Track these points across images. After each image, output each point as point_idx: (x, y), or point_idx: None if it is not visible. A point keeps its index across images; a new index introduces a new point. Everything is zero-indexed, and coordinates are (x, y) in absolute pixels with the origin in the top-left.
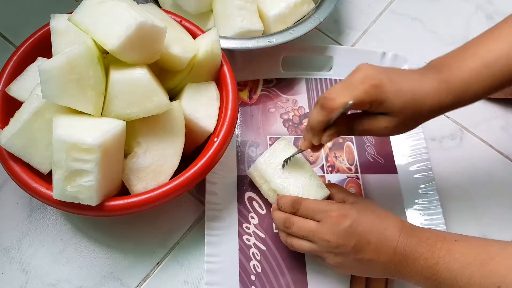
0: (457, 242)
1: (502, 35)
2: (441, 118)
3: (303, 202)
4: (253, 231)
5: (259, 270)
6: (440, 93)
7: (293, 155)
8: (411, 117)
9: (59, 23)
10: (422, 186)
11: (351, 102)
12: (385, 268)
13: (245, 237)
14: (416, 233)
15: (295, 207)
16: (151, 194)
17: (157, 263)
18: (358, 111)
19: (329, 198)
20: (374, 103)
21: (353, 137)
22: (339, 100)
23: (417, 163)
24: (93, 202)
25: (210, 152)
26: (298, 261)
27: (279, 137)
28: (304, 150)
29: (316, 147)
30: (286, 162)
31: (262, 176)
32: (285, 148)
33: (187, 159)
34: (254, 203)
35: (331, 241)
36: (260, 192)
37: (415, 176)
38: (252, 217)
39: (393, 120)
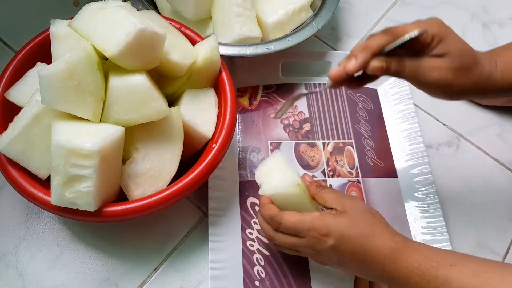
0: (453, 267)
1: None
2: (437, 125)
3: (283, 220)
4: (256, 237)
5: (263, 275)
6: (493, 66)
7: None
8: (466, 66)
9: (59, 29)
10: (422, 189)
11: (417, 31)
12: (376, 279)
13: (248, 242)
14: (408, 256)
15: (276, 224)
16: (149, 200)
17: (154, 269)
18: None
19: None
20: (435, 38)
21: (353, 141)
22: (407, 28)
23: (416, 166)
24: (91, 208)
25: (208, 158)
26: (301, 265)
27: (280, 142)
28: (341, 76)
29: (339, 84)
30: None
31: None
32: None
33: (185, 165)
34: (257, 208)
35: (314, 254)
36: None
37: (415, 179)
38: (255, 223)
39: (447, 61)
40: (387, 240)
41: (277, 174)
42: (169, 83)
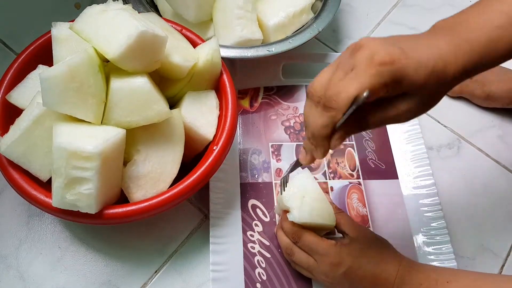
0: (449, 284)
1: None
2: (438, 127)
3: (302, 236)
4: (258, 239)
5: (264, 277)
6: (463, 55)
7: (289, 172)
8: (435, 90)
9: (60, 31)
10: (424, 191)
11: (366, 93)
12: None
13: (249, 245)
14: (411, 276)
15: (295, 238)
16: (150, 202)
17: (155, 271)
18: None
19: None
20: (390, 86)
21: (354, 143)
22: (347, 93)
23: (418, 168)
24: (92, 210)
25: (209, 160)
26: None
27: (281, 144)
28: (305, 166)
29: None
30: (284, 183)
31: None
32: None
33: (186, 167)
34: (258, 210)
35: (326, 281)
36: (263, 200)
37: (416, 181)
38: (256, 225)
39: (414, 100)
40: (395, 265)
41: (310, 202)
42: (170, 85)
